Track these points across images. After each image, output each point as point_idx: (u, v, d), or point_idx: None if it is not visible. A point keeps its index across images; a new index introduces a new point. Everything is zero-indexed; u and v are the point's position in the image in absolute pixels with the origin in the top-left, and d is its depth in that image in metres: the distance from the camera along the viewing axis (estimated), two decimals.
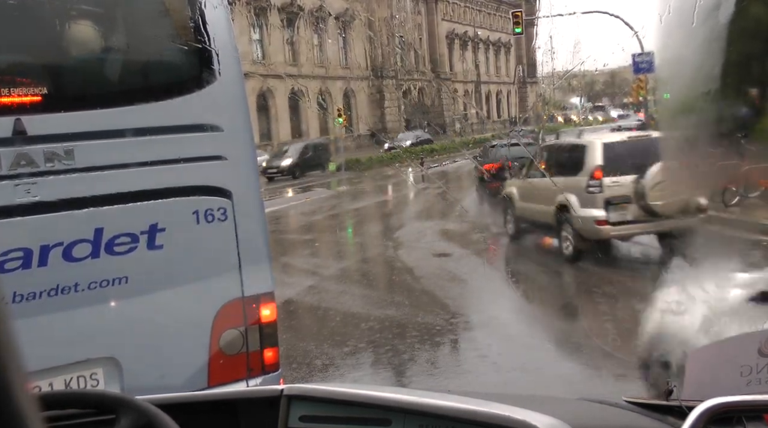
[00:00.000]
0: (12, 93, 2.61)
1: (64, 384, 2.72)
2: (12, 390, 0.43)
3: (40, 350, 2.51)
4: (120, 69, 3.02)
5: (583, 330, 7.07)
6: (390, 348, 7.07)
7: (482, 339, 7.06)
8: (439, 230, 14.69)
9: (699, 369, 1.50)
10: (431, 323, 7.78)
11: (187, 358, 2.99)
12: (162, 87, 2.98)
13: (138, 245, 2.82)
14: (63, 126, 2.68)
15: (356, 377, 6.28)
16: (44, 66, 2.82)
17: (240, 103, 3.15)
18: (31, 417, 0.44)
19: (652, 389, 4.07)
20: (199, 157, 2.98)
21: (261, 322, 3.13)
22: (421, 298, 8.73)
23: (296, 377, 6.06)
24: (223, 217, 3.00)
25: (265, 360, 3.14)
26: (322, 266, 11.88)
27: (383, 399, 1.57)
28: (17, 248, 2.59)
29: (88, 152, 2.71)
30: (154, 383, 2.83)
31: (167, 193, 2.90)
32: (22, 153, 2.58)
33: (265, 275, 3.18)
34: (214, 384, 2.97)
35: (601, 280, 8.67)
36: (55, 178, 2.65)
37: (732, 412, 1.30)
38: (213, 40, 2.92)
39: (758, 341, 1.46)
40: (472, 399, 1.60)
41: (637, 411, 1.57)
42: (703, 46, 4.32)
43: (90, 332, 2.78)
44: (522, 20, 27.08)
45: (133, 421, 1.23)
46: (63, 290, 2.68)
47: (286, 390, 1.64)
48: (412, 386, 5.98)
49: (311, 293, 9.61)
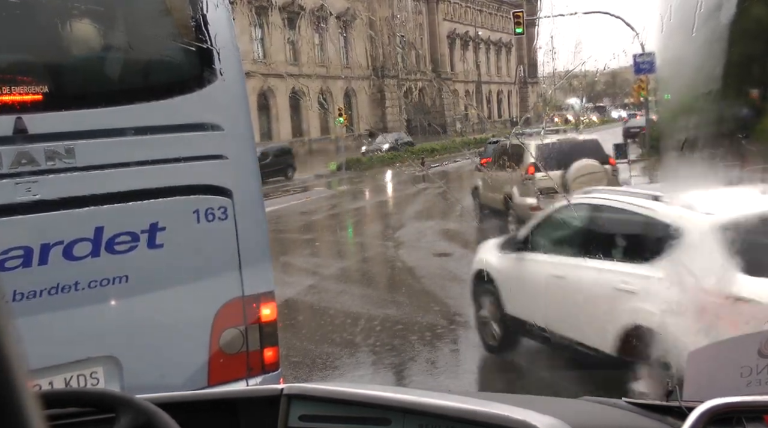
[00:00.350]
0: (13, 92, 2.61)
1: (64, 383, 2.72)
2: (14, 388, 0.43)
3: (41, 348, 2.51)
4: (121, 68, 3.02)
5: None
6: (390, 347, 7.08)
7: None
8: (439, 229, 14.69)
9: (699, 369, 1.50)
10: (431, 322, 7.79)
11: (187, 357, 2.99)
12: (163, 86, 2.98)
13: (138, 244, 2.82)
14: (64, 125, 2.68)
15: (356, 376, 6.28)
16: (45, 65, 2.82)
17: (241, 103, 3.15)
18: (33, 415, 0.44)
19: (652, 389, 4.06)
20: (199, 156, 2.98)
21: (261, 321, 3.13)
22: (421, 298, 8.73)
23: (296, 376, 6.06)
24: (224, 216, 3.00)
25: (265, 359, 3.14)
26: (322, 266, 11.87)
27: (383, 398, 1.57)
28: (18, 247, 2.59)
29: (89, 151, 2.71)
30: (154, 382, 2.83)
31: (168, 192, 2.90)
32: (23, 152, 2.58)
33: (265, 274, 3.19)
34: (214, 383, 2.97)
35: None
36: (56, 176, 2.65)
37: (732, 413, 1.30)
38: (214, 39, 2.91)
39: (758, 342, 1.46)
40: (472, 399, 1.60)
41: (636, 411, 1.57)
42: (704, 46, 4.31)
43: (90, 331, 2.78)
44: (523, 20, 27.06)
45: (132, 420, 1.23)
46: (63, 288, 2.68)
47: (286, 390, 1.64)
48: (412, 386, 5.99)
49: (311, 293, 9.61)
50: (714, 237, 4.08)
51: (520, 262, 5.85)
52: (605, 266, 4.84)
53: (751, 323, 3.52)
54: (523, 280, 5.81)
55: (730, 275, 3.89)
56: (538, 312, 5.55)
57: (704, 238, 4.14)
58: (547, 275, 5.45)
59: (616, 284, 4.64)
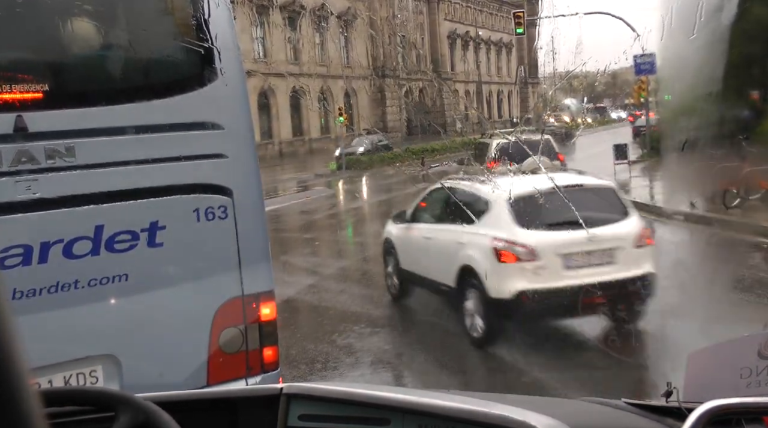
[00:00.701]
0: (13, 90, 2.61)
1: (64, 381, 2.72)
2: (15, 386, 0.43)
3: (40, 347, 2.51)
4: (121, 66, 3.02)
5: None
6: (390, 347, 7.07)
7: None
8: None
9: (698, 370, 1.50)
10: (431, 322, 7.78)
11: (186, 356, 2.99)
12: (163, 85, 2.98)
13: (138, 242, 2.82)
14: (64, 123, 2.68)
15: (355, 376, 6.28)
16: (46, 63, 2.82)
17: (241, 102, 3.15)
18: (35, 413, 0.44)
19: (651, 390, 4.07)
20: (200, 155, 2.98)
21: (261, 321, 3.13)
22: (421, 297, 8.71)
23: (295, 375, 6.06)
24: (224, 215, 3.00)
25: (265, 358, 3.14)
26: (322, 265, 11.87)
27: (382, 398, 1.57)
28: (17, 245, 2.59)
29: (89, 150, 2.71)
30: (154, 381, 2.83)
31: (168, 191, 2.90)
32: (23, 150, 2.58)
33: (265, 273, 3.19)
34: (214, 383, 2.97)
35: None
36: (56, 175, 2.65)
37: (731, 414, 1.30)
38: (215, 38, 2.91)
39: (758, 343, 1.46)
40: (472, 399, 1.60)
41: (636, 412, 1.57)
42: (704, 48, 4.32)
43: (89, 329, 2.78)
44: (524, 21, 27.06)
45: (132, 419, 1.23)
46: (63, 287, 2.68)
47: (285, 389, 1.64)
48: (411, 385, 5.99)
49: (311, 292, 9.61)
50: (506, 207, 6.54)
51: (407, 230, 8.24)
52: (451, 228, 7.17)
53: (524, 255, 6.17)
54: (409, 242, 8.19)
55: (512, 228, 6.39)
56: (417, 264, 7.91)
57: (501, 208, 6.59)
58: (421, 237, 7.84)
59: (456, 239, 6.98)
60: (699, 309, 6.57)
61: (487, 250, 6.39)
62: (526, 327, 6.66)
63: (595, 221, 6.23)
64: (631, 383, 5.49)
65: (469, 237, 6.74)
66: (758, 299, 7.51)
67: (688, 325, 6.35)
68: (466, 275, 6.65)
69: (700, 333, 5.79)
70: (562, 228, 6.30)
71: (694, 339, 5.58)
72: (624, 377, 5.64)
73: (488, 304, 6.34)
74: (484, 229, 6.58)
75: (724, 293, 7.30)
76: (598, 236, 6.25)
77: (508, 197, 6.48)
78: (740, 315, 6.42)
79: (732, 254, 9.84)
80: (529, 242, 6.23)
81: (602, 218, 6.47)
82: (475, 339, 6.58)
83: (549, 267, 6.22)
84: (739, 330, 1.53)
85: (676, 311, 6.98)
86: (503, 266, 6.29)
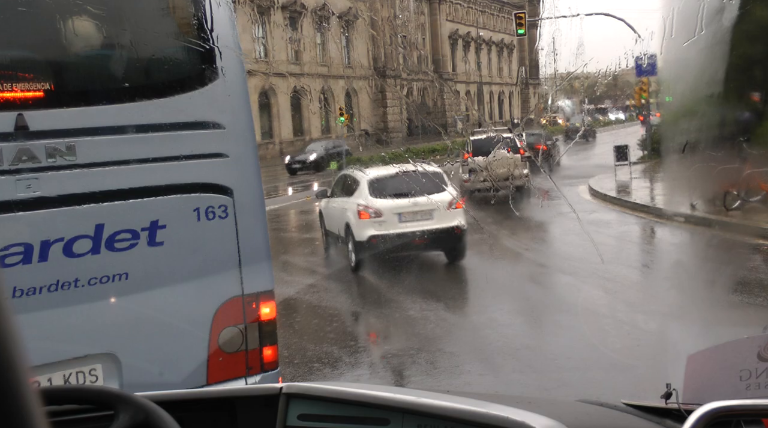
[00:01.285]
0: (14, 88, 2.61)
1: (63, 380, 2.72)
2: (15, 385, 0.43)
3: (40, 345, 2.51)
4: (122, 66, 3.02)
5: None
6: (389, 347, 7.08)
7: (482, 339, 7.06)
8: None
9: (698, 372, 1.50)
10: (431, 322, 7.78)
11: (186, 355, 2.99)
12: (164, 84, 2.98)
13: (138, 241, 2.82)
14: (65, 122, 2.68)
15: (355, 376, 6.28)
16: (47, 62, 2.82)
17: (242, 101, 3.15)
18: (35, 411, 0.44)
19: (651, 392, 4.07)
20: (200, 154, 2.98)
21: (260, 320, 3.13)
22: (421, 297, 8.72)
23: (295, 375, 6.06)
24: (224, 214, 3.00)
25: (264, 358, 3.14)
26: (323, 265, 11.87)
27: (382, 398, 1.57)
28: (18, 243, 2.59)
29: (90, 148, 2.71)
30: (153, 380, 2.84)
31: (168, 190, 2.90)
32: (23, 148, 2.58)
33: (265, 273, 3.19)
34: (213, 382, 2.97)
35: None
36: (57, 174, 2.65)
37: (731, 416, 1.30)
38: (216, 38, 2.92)
39: (758, 345, 1.46)
40: (471, 399, 1.60)
41: (635, 413, 1.57)
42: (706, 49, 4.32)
43: (89, 328, 2.78)
44: (525, 21, 27.04)
45: (131, 418, 1.23)
46: (63, 285, 2.68)
47: (284, 389, 1.64)
48: (410, 386, 5.98)
49: (311, 292, 9.61)
50: (367, 183, 10.43)
51: (328, 202, 11.97)
52: (343, 199, 10.96)
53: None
54: (327, 211, 12.04)
55: (368, 197, 10.22)
56: (331, 225, 11.74)
57: (364, 184, 10.48)
58: (333, 207, 11.55)
59: (343, 206, 10.84)
60: (698, 311, 6.56)
61: (355, 211, 10.28)
62: (380, 259, 10.25)
63: (424, 192, 9.91)
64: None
65: (349, 205, 10.55)
66: (758, 301, 7.51)
67: (688, 326, 6.34)
68: (347, 227, 10.49)
69: (699, 334, 5.79)
70: (398, 197, 10.11)
71: (694, 341, 5.57)
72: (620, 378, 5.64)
73: (356, 244, 10.19)
74: (354, 198, 10.44)
75: (724, 294, 7.30)
76: (419, 202, 9.97)
77: (368, 179, 10.47)
78: (740, 317, 6.41)
79: (732, 256, 9.83)
80: (376, 206, 10.15)
81: (428, 191, 10.01)
82: (351, 267, 10.49)
83: (389, 221, 10.06)
84: (738, 332, 1.53)
85: (675, 312, 6.97)
86: (362, 221, 10.15)
